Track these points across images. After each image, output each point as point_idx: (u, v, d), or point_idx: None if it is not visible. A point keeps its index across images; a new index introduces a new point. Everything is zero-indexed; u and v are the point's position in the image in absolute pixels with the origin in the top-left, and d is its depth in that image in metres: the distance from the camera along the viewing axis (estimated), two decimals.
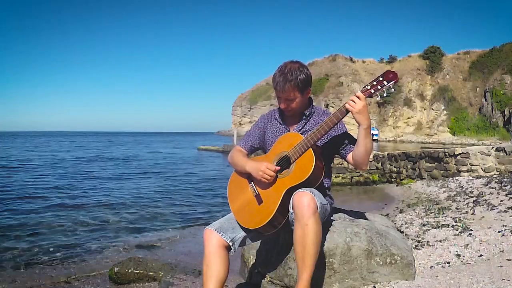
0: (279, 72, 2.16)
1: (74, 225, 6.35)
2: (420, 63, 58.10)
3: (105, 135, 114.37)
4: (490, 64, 50.72)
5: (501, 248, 3.00)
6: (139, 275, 3.62)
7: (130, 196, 9.66)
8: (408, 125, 55.32)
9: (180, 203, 8.71)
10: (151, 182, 12.70)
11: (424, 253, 3.13)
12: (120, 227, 6.32)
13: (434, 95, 55.09)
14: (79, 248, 5.03)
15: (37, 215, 7.13)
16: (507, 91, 45.96)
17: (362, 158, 2.09)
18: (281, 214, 2.06)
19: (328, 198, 2.27)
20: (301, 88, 2.15)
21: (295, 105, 2.20)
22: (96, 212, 7.52)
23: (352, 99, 1.99)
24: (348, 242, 2.35)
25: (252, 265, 2.74)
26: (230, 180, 2.34)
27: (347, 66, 60.10)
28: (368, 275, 2.34)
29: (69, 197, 9.29)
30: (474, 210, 4.84)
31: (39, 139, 65.62)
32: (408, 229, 4.02)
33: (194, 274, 3.75)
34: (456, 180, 8.22)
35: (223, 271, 2.05)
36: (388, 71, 2.01)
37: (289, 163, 2.09)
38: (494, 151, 8.56)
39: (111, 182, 12.36)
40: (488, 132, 46.04)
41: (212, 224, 2.18)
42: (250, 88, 75.37)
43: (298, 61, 2.21)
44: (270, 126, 2.36)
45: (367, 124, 2.00)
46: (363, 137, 2.03)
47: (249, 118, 68.39)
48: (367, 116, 1.99)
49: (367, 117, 1.99)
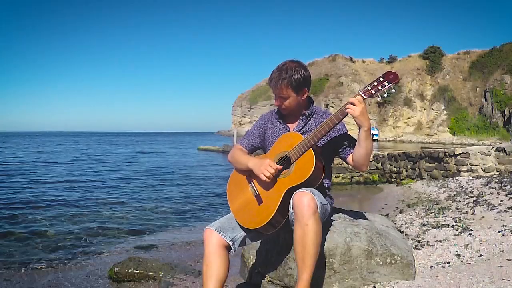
0: (276, 69, 2.19)
1: (74, 225, 6.35)
2: (420, 63, 58.06)
3: (104, 135, 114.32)
4: (490, 64, 50.68)
5: (501, 248, 3.00)
6: (139, 275, 3.62)
7: (130, 196, 9.67)
8: (408, 125, 55.29)
9: (180, 203, 8.71)
10: (151, 182, 12.70)
11: (424, 253, 3.13)
12: (120, 227, 6.32)
13: (434, 95, 55.06)
14: (79, 248, 5.03)
15: (36, 215, 7.14)
16: (507, 91, 45.92)
17: (363, 159, 2.09)
18: (281, 214, 2.06)
19: (328, 198, 2.27)
20: (295, 87, 2.16)
21: (289, 104, 2.21)
22: (96, 212, 7.52)
23: (352, 102, 1.98)
24: (348, 242, 2.35)
25: (252, 265, 2.74)
26: (230, 180, 2.33)
27: (347, 66, 60.03)
28: (368, 275, 2.34)
29: (69, 197, 9.30)
30: (474, 210, 4.84)
31: (37, 139, 65.60)
32: (408, 229, 4.02)
33: (194, 274, 3.75)
34: (456, 180, 8.22)
35: (223, 271, 2.05)
36: (388, 72, 2.01)
37: (289, 163, 2.09)
38: (494, 151, 8.56)
39: (111, 182, 12.36)
40: (488, 132, 46.01)
41: (212, 223, 2.18)
42: (250, 88, 75.33)
43: (298, 61, 2.21)
44: (270, 126, 2.36)
45: (368, 126, 2.00)
46: (364, 138, 2.03)
47: (249, 118, 68.34)
48: (367, 117, 2.00)
49: (367, 118, 1.99)
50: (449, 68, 55.52)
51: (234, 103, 75.77)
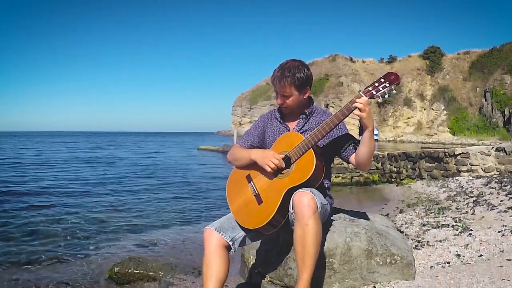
0: (278, 67, 2.20)
1: (74, 225, 6.35)
2: (420, 63, 58.04)
3: (104, 135, 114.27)
4: (490, 64, 50.68)
5: (501, 248, 3.01)
6: (139, 275, 3.62)
7: (130, 196, 9.66)
8: (408, 125, 55.28)
9: (180, 203, 8.71)
10: (151, 182, 12.69)
11: (424, 253, 3.13)
12: (120, 227, 6.32)
13: (434, 95, 55.05)
14: (79, 248, 5.03)
15: (36, 215, 7.13)
16: (507, 91, 45.91)
17: (366, 159, 2.11)
18: (281, 215, 2.06)
19: (328, 198, 2.27)
20: (298, 86, 2.16)
21: (291, 102, 2.21)
22: (96, 212, 7.52)
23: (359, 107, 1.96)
24: (348, 242, 2.35)
25: (252, 265, 2.74)
26: (229, 179, 2.33)
27: (347, 66, 60.00)
28: (368, 275, 2.34)
29: (68, 197, 9.30)
30: (474, 210, 4.84)
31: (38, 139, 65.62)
32: (408, 229, 4.02)
33: (194, 274, 3.75)
34: (456, 180, 8.22)
35: (223, 271, 2.05)
36: (389, 73, 2.01)
37: (290, 163, 2.09)
38: (494, 151, 8.56)
39: (111, 182, 12.36)
40: (488, 132, 46.00)
41: (212, 223, 2.17)
42: (250, 88, 75.26)
43: (300, 60, 2.23)
44: (270, 125, 2.36)
45: (372, 127, 2.04)
46: (368, 139, 2.05)
47: (249, 118, 68.30)
48: (372, 118, 2.02)
49: (371, 119, 2.02)
50: (449, 68, 55.51)
51: (234, 103, 75.73)
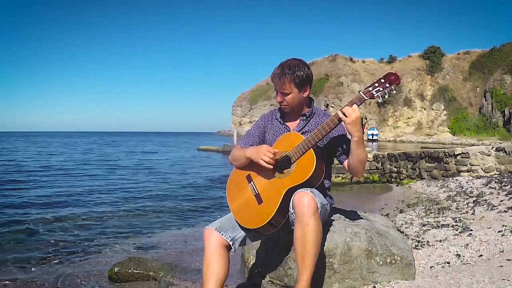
0: (279, 65, 2.21)
1: (74, 225, 6.35)
2: (420, 63, 58.10)
3: (104, 135, 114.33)
4: (490, 64, 50.73)
5: (501, 248, 3.01)
6: (139, 275, 3.62)
7: (130, 196, 9.66)
8: (408, 125, 55.33)
9: (180, 203, 8.71)
10: (151, 182, 12.69)
11: (424, 253, 3.13)
12: (120, 227, 6.32)
13: (434, 95, 55.10)
14: (79, 248, 5.03)
15: (36, 214, 7.13)
16: (507, 91, 45.97)
17: (356, 167, 2.11)
18: (281, 215, 2.06)
19: (328, 198, 2.27)
20: (298, 83, 2.17)
21: (290, 100, 2.21)
22: (96, 212, 7.51)
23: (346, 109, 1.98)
24: (348, 242, 2.35)
25: (252, 265, 2.74)
26: (230, 179, 2.33)
27: (347, 66, 60.06)
28: (368, 275, 2.35)
29: (68, 196, 9.29)
30: (474, 210, 4.83)
31: (38, 139, 65.63)
32: (408, 229, 4.02)
33: (194, 274, 3.75)
34: (456, 180, 8.21)
35: (223, 271, 2.05)
36: (390, 73, 2.01)
37: (290, 163, 2.09)
38: (494, 151, 8.56)
39: (111, 182, 12.36)
40: (488, 132, 46.04)
41: (212, 223, 2.18)
42: (250, 88, 75.34)
43: (301, 59, 2.24)
44: (270, 126, 2.37)
45: (358, 136, 2.00)
46: (355, 147, 2.04)
47: (249, 118, 68.33)
48: (359, 128, 1.99)
49: (359, 128, 1.99)
50: (449, 68, 55.57)
51: (234, 103, 75.76)
